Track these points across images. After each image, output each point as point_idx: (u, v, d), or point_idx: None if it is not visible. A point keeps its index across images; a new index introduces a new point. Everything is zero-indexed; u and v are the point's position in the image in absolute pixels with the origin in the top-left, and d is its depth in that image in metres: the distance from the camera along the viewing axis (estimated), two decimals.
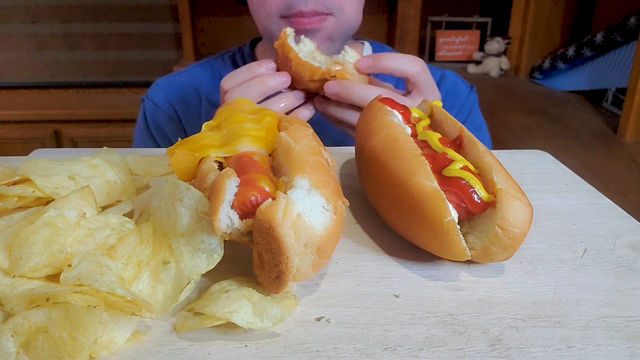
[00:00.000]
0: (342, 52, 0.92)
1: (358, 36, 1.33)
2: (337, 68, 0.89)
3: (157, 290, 0.48)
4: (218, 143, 0.58)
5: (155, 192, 0.60)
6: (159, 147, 1.21)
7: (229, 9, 3.30)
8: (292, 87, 0.96)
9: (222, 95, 0.94)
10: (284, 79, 0.92)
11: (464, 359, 0.43)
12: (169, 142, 0.59)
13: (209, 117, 0.66)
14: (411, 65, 0.90)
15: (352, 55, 0.91)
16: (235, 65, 1.26)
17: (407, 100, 0.91)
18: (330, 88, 0.89)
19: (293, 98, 0.94)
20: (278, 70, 0.94)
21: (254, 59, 1.26)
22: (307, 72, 0.91)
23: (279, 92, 0.95)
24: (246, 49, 1.29)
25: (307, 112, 0.95)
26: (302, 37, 0.94)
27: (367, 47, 1.30)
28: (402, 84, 1.27)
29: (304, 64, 0.91)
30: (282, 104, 0.92)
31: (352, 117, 0.92)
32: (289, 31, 0.93)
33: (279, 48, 0.93)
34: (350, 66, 0.91)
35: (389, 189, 0.58)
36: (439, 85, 1.26)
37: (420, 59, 0.93)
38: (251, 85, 0.91)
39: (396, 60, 0.91)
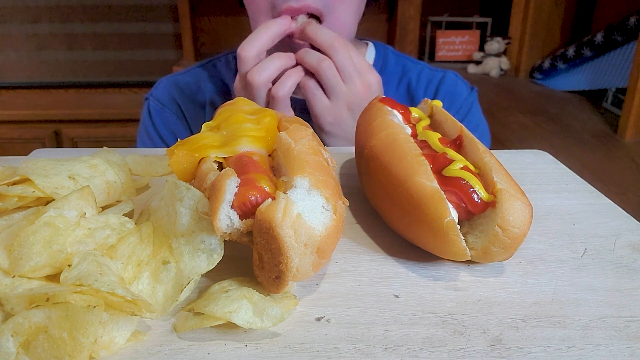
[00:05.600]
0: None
1: (361, 36, 1.33)
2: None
3: (157, 290, 0.48)
4: (218, 143, 0.58)
5: (155, 192, 0.60)
6: (167, 145, 1.21)
7: (229, 9, 3.30)
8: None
9: (239, 61, 1.00)
10: (284, 21, 1.00)
11: (464, 359, 0.43)
12: (176, 140, 0.59)
13: (212, 118, 0.66)
14: (327, 40, 0.98)
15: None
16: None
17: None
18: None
19: (287, 57, 1.00)
20: None
21: None
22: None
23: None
24: None
25: (296, 76, 1.01)
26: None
27: (371, 48, 1.30)
28: (402, 88, 1.27)
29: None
30: (277, 62, 0.99)
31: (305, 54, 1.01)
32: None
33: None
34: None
35: (389, 189, 0.58)
36: (439, 86, 1.26)
37: (343, 42, 0.99)
38: (258, 32, 0.99)
39: (320, 31, 1.00)
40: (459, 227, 0.51)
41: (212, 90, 1.27)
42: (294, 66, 1.01)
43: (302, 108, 1.07)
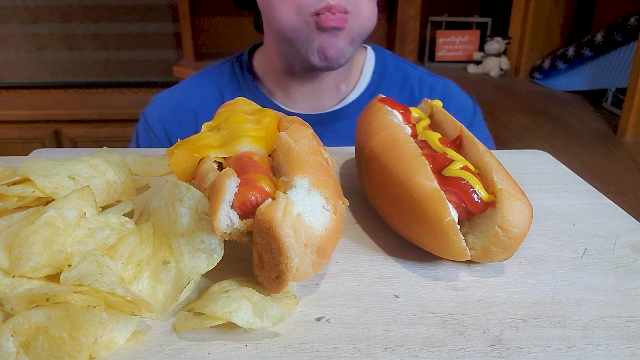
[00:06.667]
0: None
1: None
2: None
3: (157, 290, 0.48)
4: (217, 143, 0.58)
5: (155, 192, 0.60)
6: None
7: (229, 9, 3.29)
8: None
9: None
10: None
11: (464, 359, 0.43)
12: None
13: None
14: None
15: None
16: (234, 77, 1.26)
17: None
18: None
19: None
20: None
21: (251, 69, 1.25)
22: None
23: None
24: (244, 59, 1.27)
25: None
26: None
27: (370, 51, 1.29)
28: (405, 95, 1.25)
29: None
30: None
31: None
32: None
33: None
34: None
35: (389, 189, 0.58)
36: (443, 95, 1.25)
37: None
38: None
39: None
40: (459, 227, 0.51)
41: (203, 107, 1.25)
42: None
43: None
